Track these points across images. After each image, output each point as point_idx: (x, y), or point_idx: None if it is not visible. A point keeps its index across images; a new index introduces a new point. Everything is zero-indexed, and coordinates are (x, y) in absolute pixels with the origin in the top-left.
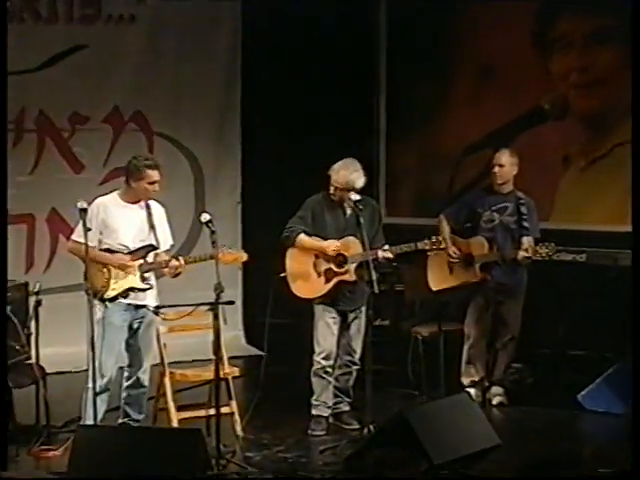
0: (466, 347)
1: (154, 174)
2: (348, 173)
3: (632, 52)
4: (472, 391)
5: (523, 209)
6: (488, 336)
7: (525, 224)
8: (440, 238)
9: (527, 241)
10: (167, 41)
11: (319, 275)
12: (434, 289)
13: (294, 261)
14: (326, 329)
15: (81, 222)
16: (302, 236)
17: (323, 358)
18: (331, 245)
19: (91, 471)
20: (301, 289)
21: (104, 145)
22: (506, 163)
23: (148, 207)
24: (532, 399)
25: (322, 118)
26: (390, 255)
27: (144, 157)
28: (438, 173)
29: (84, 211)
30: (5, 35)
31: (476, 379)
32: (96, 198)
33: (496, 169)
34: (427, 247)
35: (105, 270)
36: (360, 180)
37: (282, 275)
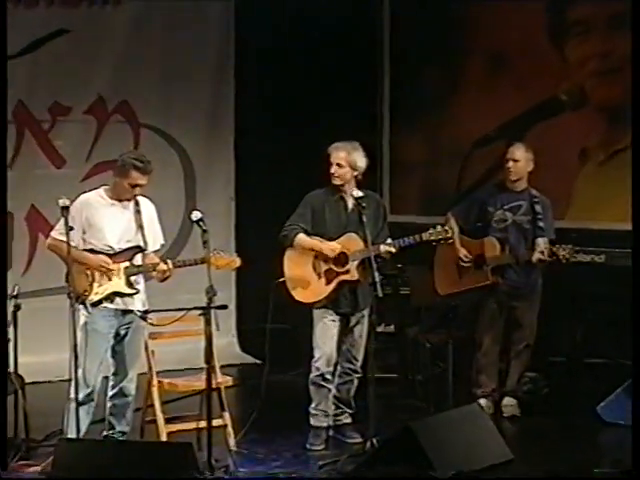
0: (477, 355)
1: (138, 177)
2: (350, 149)
3: (632, 53)
4: (483, 402)
5: (538, 208)
6: (501, 343)
7: (540, 224)
8: (447, 227)
9: (542, 242)
10: (155, 26)
11: (319, 277)
12: (442, 293)
13: (292, 264)
14: (325, 332)
15: (62, 220)
16: (301, 235)
17: (322, 364)
18: (330, 246)
19: None
20: (302, 294)
21: (87, 138)
22: (521, 158)
23: (137, 205)
24: (547, 410)
25: (321, 110)
26: (393, 249)
27: (138, 156)
28: (446, 168)
29: (66, 209)
30: (5, 34)
31: (487, 389)
32: (79, 195)
33: (510, 164)
34: (433, 237)
35: (88, 272)
36: (362, 159)
37: (281, 280)
